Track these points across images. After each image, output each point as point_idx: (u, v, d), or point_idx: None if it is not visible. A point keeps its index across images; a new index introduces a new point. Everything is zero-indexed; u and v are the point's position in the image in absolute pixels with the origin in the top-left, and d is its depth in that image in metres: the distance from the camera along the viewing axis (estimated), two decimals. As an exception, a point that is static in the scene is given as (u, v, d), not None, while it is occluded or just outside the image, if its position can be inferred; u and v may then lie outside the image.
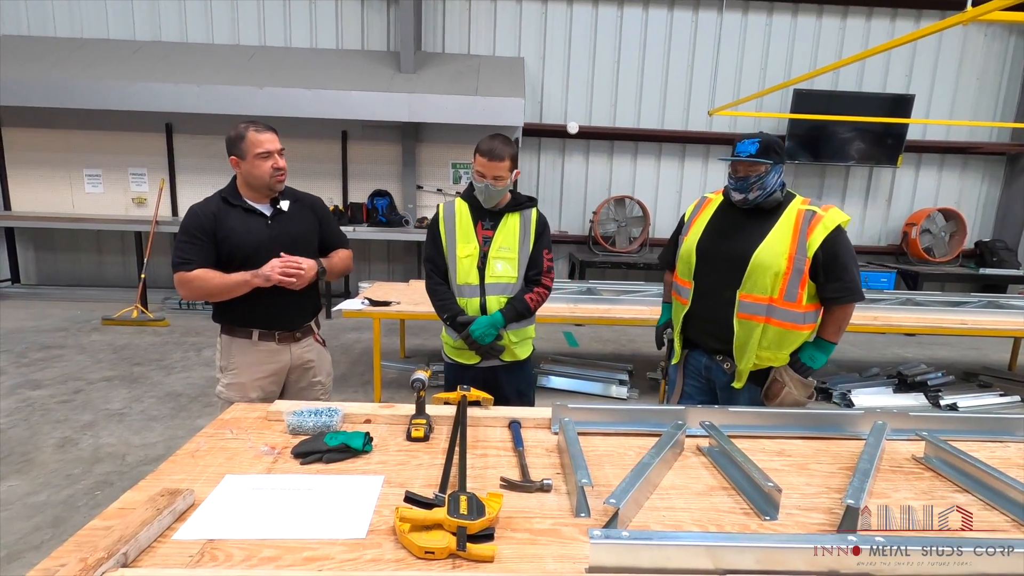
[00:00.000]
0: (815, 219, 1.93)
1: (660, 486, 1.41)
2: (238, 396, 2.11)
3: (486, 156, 2.10)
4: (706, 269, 2.08)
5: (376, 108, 6.56)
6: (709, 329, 2.10)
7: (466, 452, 1.48)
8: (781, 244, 1.94)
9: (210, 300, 2.10)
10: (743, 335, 2.00)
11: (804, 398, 2.01)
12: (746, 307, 1.98)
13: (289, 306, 2.13)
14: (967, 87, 7.59)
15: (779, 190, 2.01)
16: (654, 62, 7.43)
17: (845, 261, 1.93)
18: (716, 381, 2.15)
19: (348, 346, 5.54)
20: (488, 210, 2.23)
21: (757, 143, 1.95)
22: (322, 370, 2.32)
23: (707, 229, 2.12)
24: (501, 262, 2.23)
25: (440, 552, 1.08)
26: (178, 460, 1.47)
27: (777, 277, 1.92)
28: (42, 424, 3.58)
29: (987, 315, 4.34)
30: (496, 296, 2.24)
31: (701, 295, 2.10)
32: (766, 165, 1.95)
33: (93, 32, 7.21)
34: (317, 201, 2.31)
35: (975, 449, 1.61)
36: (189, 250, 2.01)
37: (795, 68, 7.39)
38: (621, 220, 7.35)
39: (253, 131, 2.02)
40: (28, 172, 7.28)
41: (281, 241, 2.10)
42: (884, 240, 7.97)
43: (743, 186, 1.98)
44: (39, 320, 6.01)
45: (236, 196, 2.10)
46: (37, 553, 2.34)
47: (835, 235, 1.92)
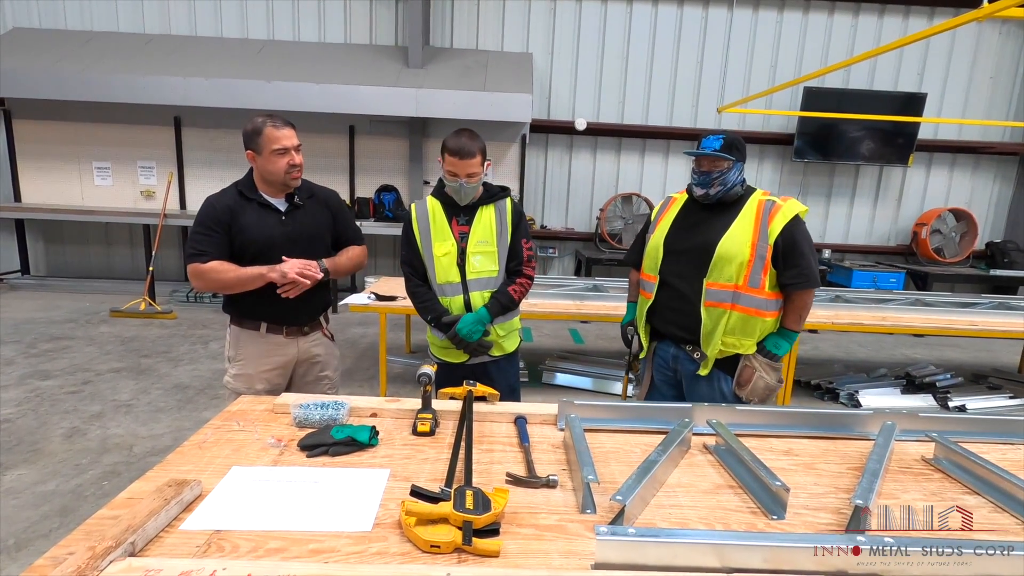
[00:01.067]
0: (775, 208, 2.01)
1: (666, 484, 1.41)
2: (244, 387, 2.13)
3: (456, 155, 2.05)
4: (672, 262, 2.13)
5: (383, 103, 6.56)
6: (676, 319, 2.14)
7: (472, 447, 1.48)
8: (744, 233, 2.01)
9: (223, 292, 2.12)
10: (710, 323, 2.05)
11: (775, 382, 2.06)
12: (713, 295, 2.04)
13: (298, 301, 2.13)
14: (980, 86, 7.50)
15: (739, 185, 2.08)
16: (663, 58, 7.39)
17: (803, 249, 2.01)
18: (683, 371, 2.18)
19: (354, 341, 5.56)
20: (461, 207, 2.18)
21: (721, 139, 2.03)
22: (329, 365, 2.33)
23: (673, 225, 2.18)
24: (479, 257, 2.18)
25: (445, 546, 1.08)
26: (185, 451, 1.48)
27: (741, 265, 1.99)
28: (51, 414, 3.61)
29: (997, 316, 4.30)
30: (479, 292, 2.21)
31: (666, 287, 2.15)
32: (728, 161, 2.01)
33: (103, 25, 7.24)
34: (333, 196, 2.30)
35: (985, 451, 1.59)
36: (204, 242, 2.02)
37: (806, 65, 7.33)
38: (628, 217, 7.32)
39: (271, 126, 2.01)
40: (38, 164, 7.33)
41: (294, 237, 2.11)
42: (894, 240, 7.91)
43: (705, 181, 2.04)
44: (48, 311, 6.06)
45: (252, 190, 2.11)
46: (46, 541, 2.37)
47: (793, 223, 2.00)
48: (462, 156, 2.05)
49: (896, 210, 7.87)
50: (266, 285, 2.04)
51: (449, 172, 2.09)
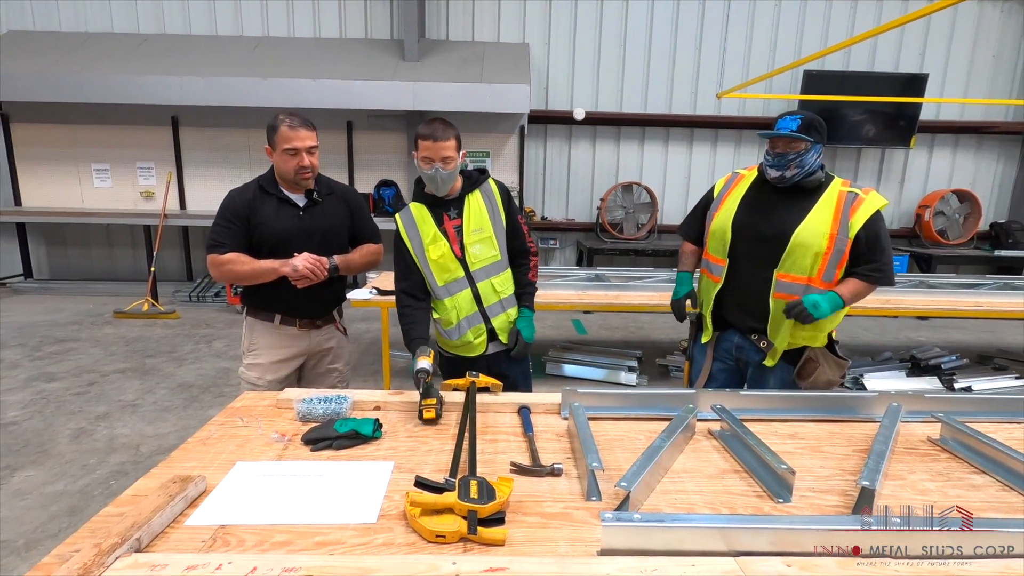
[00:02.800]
0: (857, 201, 1.93)
1: (671, 470, 1.40)
2: (256, 376, 2.20)
3: (430, 139, 1.99)
4: (741, 247, 2.05)
5: (381, 97, 6.53)
6: (744, 308, 2.08)
7: (476, 437, 1.48)
8: (823, 224, 1.93)
9: (238, 283, 2.19)
10: (779, 314, 1.99)
11: (837, 377, 2.01)
12: (783, 287, 1.97)
13: (310, 295, 2.16)
14: (983, 65, 7.42)
15: (819, 170, 1.98)
16: (661, 45, 7.32)
17: (884, 245, 1.95)
18: (748, 360, 2.13)
19: (357, 336, 5.56)
20: (448, 200, 2.12)
21: (799, 119, 1.92)
22: (340, 358, 2.37)
23: (741, 206, 2.08)
24: (478, 245, 2.11)
25: (451, 536, 1.08)
26: (189, 448, 1.48)
27: (817, 257, 1.92)
28: (57, 416, 3.63)
29: (1002, 297, 4.27)
30: (486, 279, 2.13)
31: (735, 273, 2.07)
32: (806, 143, 1.91)
33: (98, 26, 7.20)
34: (352, 193, 2.34)
35: (992, 431, 1.58)
36: (223, 234, 2.08)
37: (805, 48, 7.25)
38: (629, 207, 7.29)
39: (286, 126, 2.05)
40: (37, 167, 7.32)
41: (311, 232, 2.15)
42: (897, 223, 7.85)
43: (781, 163, 1.95)
44: (52, 314, 6.07)
45: (272, 185, 2.16)
46: (55, 541, 2.38)
47: (876, 217, 1.93)
48: (436, 139, 1.99)
49: (899, 193, 7.81)
50: (281, 278, 2.09)
51: (424, 159, 2.02)
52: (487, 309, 2.15)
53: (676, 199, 7.69)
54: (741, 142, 7.61)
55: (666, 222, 7.54)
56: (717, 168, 7.64)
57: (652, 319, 6.42)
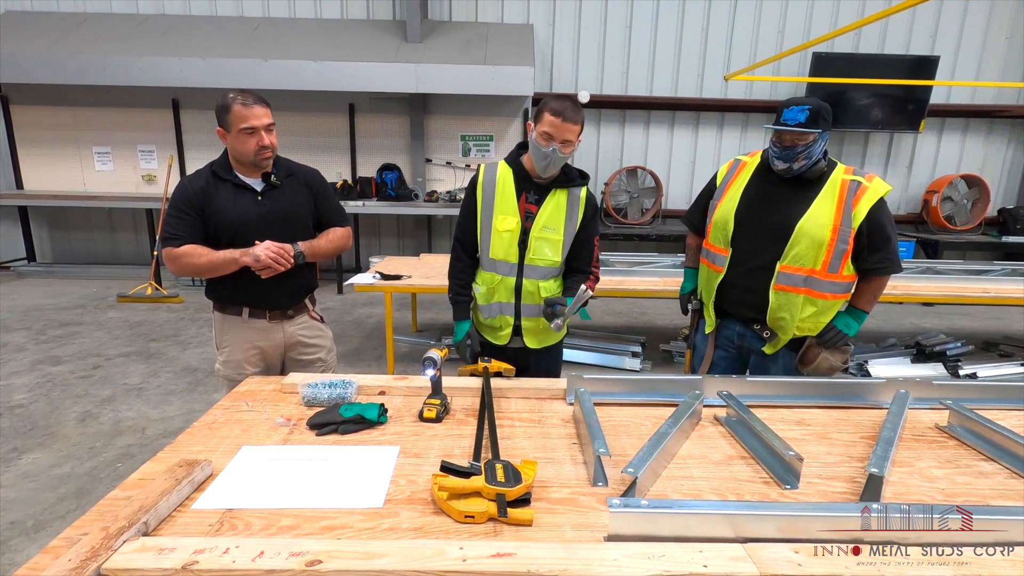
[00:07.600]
0: (860, 189, 1.88)
1: (677, 456, 1.40)
2: (234, 373, 2.07)
3: (559, 116, 1.80)
4: (744, 237, 2.02)
5: (383, 79, 6.45)
6: (744, 299, 2.05)
7: (495, 421, 1.49)
8: (826, 215, 1.89)
9: (197, 276, 2.04)
10: (778, 306, 1.97)
11: (840, 363, 2.00)
12: (784, 278, 1.94)
13: (278, 285, 2.02)
14: (995, 47, 7.28)
15: (823, 158, 1.93)
16: (667, 26, 7.20)
17: (888, 233, 1.91)
18: (751, 348, 2.11)
19: (360, 321, 5.57)
20: (535, 182, 1.97)
21: (807, 110, 1.84)
22: (322, 348, 2.25)
23: (744, 195, 2.04)
24: (546, 244, 1.97)
25: (480, 516, 1.10)
26: (195, 432, 1.48)
27: (821, 248, 1.89)
28: (63, 399, 3.65)
29: (1010, 283, 4.24)
30: (535, 280, 2.00)
31: (737, 263, 2.04)
32: (815, 134, 1.85)
33: (96, 6, 7.11)
34: (314, 175, 2.18)
35: (1000, 418, 1.57)
36: (177, 225, 1.95)
37: (814, 30, 7.12)
38: (633, 191, 7.23)
39: (239, 104, 1.91)
40: (38, 151, 7.28)
41: (271, 218, 2.00)
42: (904, 208, 7.78)
43: (788, 155, 1.89)
44: (56, 298, 6.09)
45: (227, 170, 2.03)
46: (63, 523, 2.40)
47: (879, 206, 1.89)
48: (565, 119, 1.81)
49: (907, 178, 7.72)
50: (244, 269, 1.95)
51: (544, 134, 1.84)
52: (523, 307, 2.06)
53: (681, 184, 7.62)
54: (748, 126, 7.52)
55: (671, 207, 7.48)
56: (723, 152, 7.55)
57: (656, 304, 6.40)
